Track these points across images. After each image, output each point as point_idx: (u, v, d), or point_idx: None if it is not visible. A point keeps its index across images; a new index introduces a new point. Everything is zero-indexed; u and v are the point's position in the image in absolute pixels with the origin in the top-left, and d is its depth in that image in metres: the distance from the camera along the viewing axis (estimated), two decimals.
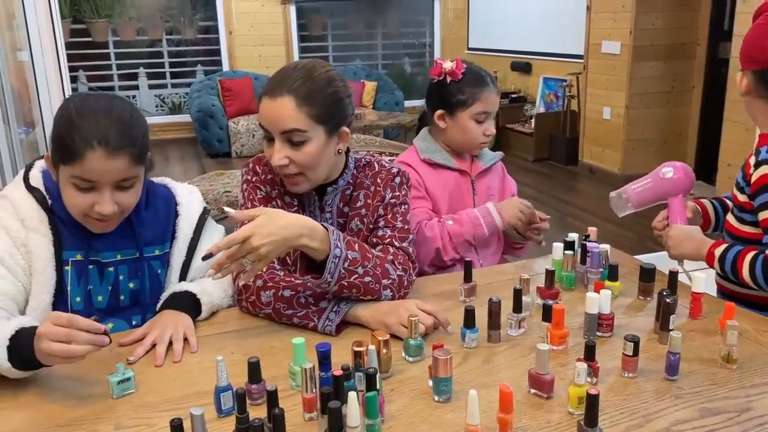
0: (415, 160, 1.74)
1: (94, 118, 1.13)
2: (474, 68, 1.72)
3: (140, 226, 1.29)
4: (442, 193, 1.72)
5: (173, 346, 1.16)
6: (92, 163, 1.12)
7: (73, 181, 1.15)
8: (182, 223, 1.35)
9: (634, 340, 1.03)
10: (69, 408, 1.00)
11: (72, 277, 1.22)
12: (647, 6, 4.89)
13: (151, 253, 1.31)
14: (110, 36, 7.29)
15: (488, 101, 1.70)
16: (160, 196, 1.36)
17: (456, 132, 1.72)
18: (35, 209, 1.21)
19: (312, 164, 1.28)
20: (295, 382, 1.03)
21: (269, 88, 1.27)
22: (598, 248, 1.38)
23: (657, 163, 1.65)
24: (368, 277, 1.23)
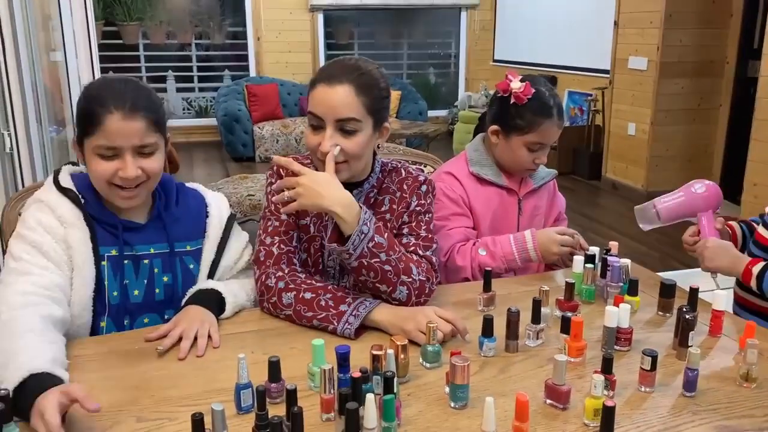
0: (464, 171, 1.69)
1: (110, 87, 1.23)
2: (543, 95, 1.62)
3: (171, 222, 1.33)
4: (485, 210, 1.67)
5: (197, 341, 1.18)
6: (112, 126, 1.18)
7: (98, 151, 1.21)
8: (212, 223, 1.39)
9: (652, 354, 1.04)
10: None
11: (109, 272, 1.26)
12: (675, 23, 4.87)
13: (183, 248, 1.34)
14: (141, 39, 7.43)
15: (546, 133, 1.62)
16: (191, 196, 1.40)
17: (506, 152, 1.67)
18: (70, 208, 1.25)
19: (359, 153, 1.31)
20: (314, 382, 1.05)
21: (326, 76, 1.29)
22: (618, 262, 1.38)
23: (682, 181, 1.65)
24: (389, 266, 1.26)
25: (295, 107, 7.12)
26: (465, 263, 1.59)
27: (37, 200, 1.27)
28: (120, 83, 1.24)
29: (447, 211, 1.64)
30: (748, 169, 3.89)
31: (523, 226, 1.69)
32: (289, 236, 1.38)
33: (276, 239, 1.37)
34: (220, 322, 1.28)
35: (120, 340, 1.22)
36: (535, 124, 1.61)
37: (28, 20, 2.65)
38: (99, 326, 1.26)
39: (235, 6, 7.53)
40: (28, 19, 2.63)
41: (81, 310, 1.22)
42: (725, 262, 1.46)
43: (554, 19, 6.45)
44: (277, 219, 1.39)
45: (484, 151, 1.73)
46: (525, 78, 1.64)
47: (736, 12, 4.94)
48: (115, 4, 7.10)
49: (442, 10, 7.97)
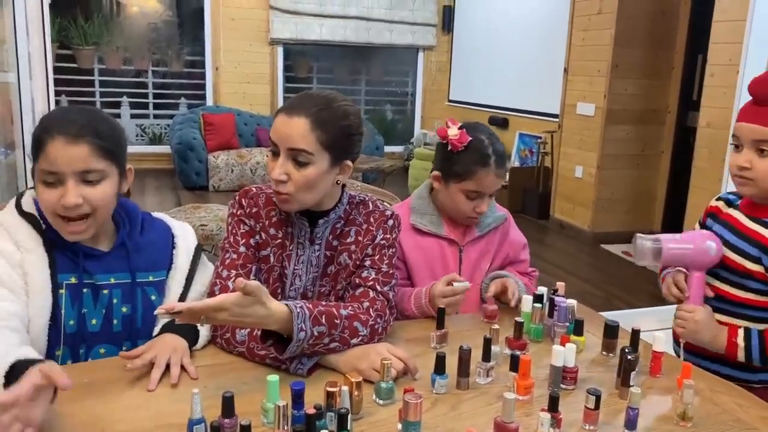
0: (404, 222, 1.61)
1: (61, 115, 1.23)
2: (481, 143, 1.60)
3: (135, 251, 1.32)
4: (423, 262, 1.66)
5: (171, 370, 1.17)
6: (53, 152, 1.17)
7: (42, 177, 1.19)
8: (180, 254, 1.39)
9: (596, 393, 1.08)
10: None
11: (66, 300, 1.24)
12: (621, 72, 5.11)
13: (145, 278, 1.33)
14: (96, 63, 7.33)
15: (483, 182, 1.60)
16: (156, 226, 1.40)
17: (446, 199, 1.66)
18: (29, 232, 1.24)
19: (308, 186, 1.32)
20: (267, 419, 1.05)
21: (287, 107, 1.32)
22: (565, 303, 1.43)
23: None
24: (335, 344, 1.26)
25: (252, 137, 7.12)
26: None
27: None
28: (74, 112, 1.23)
29: None
30: (688, 214, 4.08)
31: (465, 274, 1.67)
32: (247, 270, 1.39)
33: (233, 273, 1.37)
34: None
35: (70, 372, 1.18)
36: (471, 173, 1.59)
37: None
38: (54, 355, 1.23)
39: (194, 35, 7.54)
40: None
41: (35, 338, 1.20)
42: (707, 336, 1.43)
43: (507, 63, 6.68)
44: (235, 251, 1.39)
45: (427, 198, 1.72)
46: (463, 125, 1.62)
47: (678, 65, 5.22)
48: (71, 27, 7.01)
49: (400, 50, 8.15)
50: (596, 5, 5.22)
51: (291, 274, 1.43)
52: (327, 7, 7.57)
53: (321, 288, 1.45)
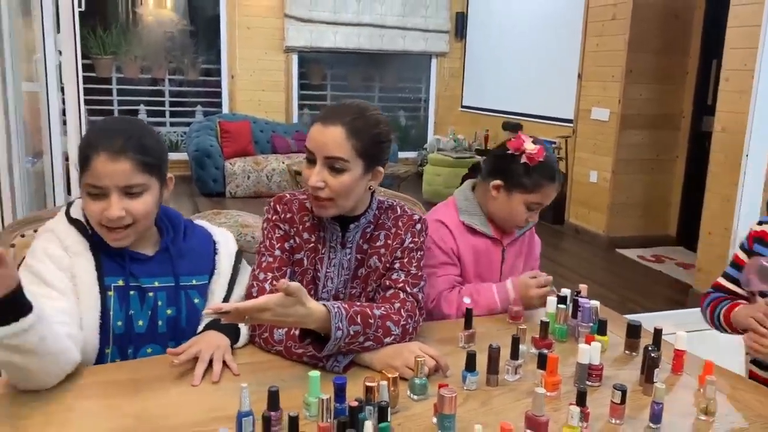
0: (454, 220, 1.75)
1: (103, 128, 1.29)
2: (550, 160, 1.71)
3: (178, 256, 1.38)
4: (471, 258, 1.74)
5: (213, 366, 1.24)
6: (97, 167, 1.23)
7: (87, 190, 1.26)
8: (222, 259, 1.45)
9: (622, 389, 1.13)
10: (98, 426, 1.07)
11: (114, 302, 1.30)
12: (635, 77, 5.15)
13: (188, 282, 1.39)
14: (114, 72, 7.46)
15: (548, 195, 1.71)
16: (198, 233, 1.46)
17: (503, 207, 1.73)
18: (77, 238, 1.30)
19: (344, 192, 1.38)
20: (309, 412, 1.11)
21: (323, 116, 1.38)
22: (589, 304, 1.48)
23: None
24: (369, 342, 1.31)
25: (267, 144, 7.20)
26: (451, 311, 1.65)
27: (47, 230, 1.32)
28: (117, 126, 1.29)
29: (437, 260, 1.70)
30: (704, 220, 4.10)
31: (504, 273, 1.77)
32: (282, 272, 1.45)
33: (269, 275, 1.43)
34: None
35: (120, 370, 1.27)
36: (540, 186, 1.69)
37: (11, 52, 2.69)
38: (104, 354, 1.30)
39: (210, 44, 7.65)
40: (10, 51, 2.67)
41: (88, 338, 1.26)
42: None
43: (521, 69, 6.73)
44: (271, 255, 1.46)
45: (473, 200, 1.80)
46: (536, 141, 1.71)
47: (692, 70, 5.25)
48: (90, 36, 7.14)
49: (413, 56, 8.22)
50: (610, 11, 5.27)
51: (323, 277, 1.49)
52: (341, 14, 7.66)
53: (352, 290, 1.51)
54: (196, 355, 1.25)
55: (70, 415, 1.10)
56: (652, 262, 5.04)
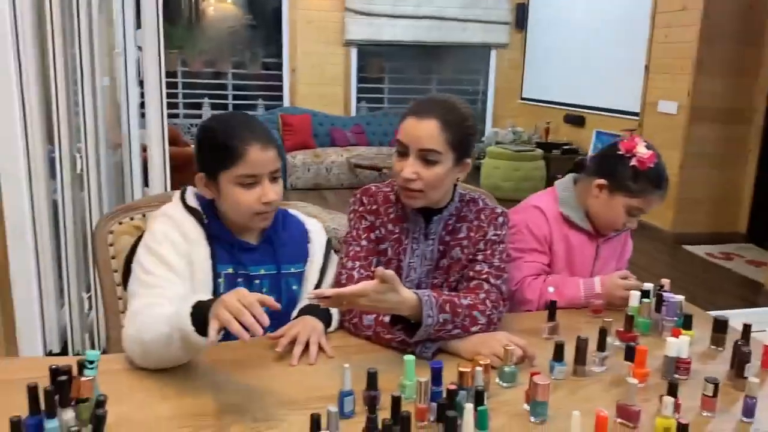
0: (553, 210, 1.74)
1: (243, 124, 1.37)
2: (660, 168, 1.67)
3: (279, 245, 1.46)
4: (564, 250, 1.74)
5: (309, 348, 1.30)
6: (253, 157, 1.33)
7: (239, 181, 1.34)
8: (314, 247, 1.52)
9: (714, 381, 1.14)
10: (209, 401, 1.14)
11: (224, 288, 1.38)
12: (706, 69, 5.01)
13: (288, 270, 1.47)
14: (179, 66, 7.70)
15: (651, 203, 1.68)
16: (293, 222, 1.53)
17: (603, 208, 1.71)
18: (194, 226, 1.38)
19: (435, 184, 1.43)
20: (404, 394, 1.15)
21: (416, 110, 1.43)
22: (674, 298, 1.48)
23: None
24: (457, 330, 1.35)
25: (327, 137, 7.31)
26: (533, 297, 1.66)
27: (164, 214, 1.40)
28: (247, 118, 1.41)
29: (527, 245, 1.72)
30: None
31: (596, 270, 1.77)
32: (369, 261, 1.50)
33: (357, 264, 1.49)
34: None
35: (225, 350, 1.34)
36: (644, 192, 1.66)
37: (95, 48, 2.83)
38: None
39: (271, 38, 7.80)
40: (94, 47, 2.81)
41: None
42: None
43: (583, 61, 6.62)
44: (358, 244, 1.51)
45: (572, 193, 1.79)
46: (649, 146, 1.68)
47: (765, 62, 5.07)
48: None
49: (472, 48, 8.19)
50: (680, 1, 5.13)
51: (407, 267, 1.53)
52: (400, 7, 7.68)
53: (434, 280, 1.55)
54: (294, 338, 1.31)
55: (184, 390, 1.17)
56: (721, 260, 4.91)
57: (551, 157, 6.70)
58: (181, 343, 1.15)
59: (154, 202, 1.66)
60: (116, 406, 1.07)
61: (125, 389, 1.17)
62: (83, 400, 1.04)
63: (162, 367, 1.22)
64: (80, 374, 1.05)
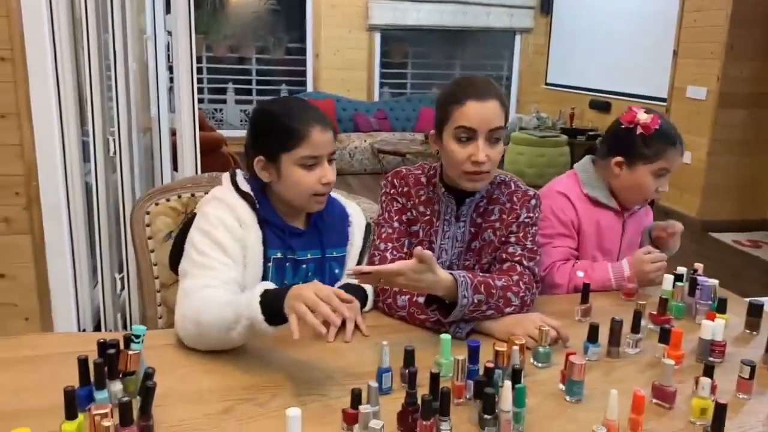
0: (576, 192, 1.77)
1: (303, 107, 1.41)
2: (666, 125, 1.71)
3: (325, 229, 1.48)
4: (592, 230, 1.76)
5: (347, 325, 1.33)
6: (316, 138, 1.36)
7: (301, 162, 1.36)
8: (355, 232, 1.54)
9: (751, 364, 1.14)
10: (251, 375, 1.17)
11: (273, 272, 1.40)
12: (736, 54, 4.92)
13: (331, 254, 1.49)
14: (204, 51, 7.74)
15: (672, 160, 1.71)
16: (336, 206, 1.55)
17: (629, 182, 1.74)
18: (247, 211, 1.39)
19: (498, 161, 1.46)
20: (441, 372, 1.17)
21: (476, 93, 1.43)
22: (708, 282, 1.48)
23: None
24: (491, 311, 1.36)
25: (350, 123, 7.32)
26: (563, 282, 1.68)
27: (216, 198, 1.41)
28: (305, 102, 1.45)
29: (554, 231, 1.73)
30: None
31: (624, 246, 1.79)
32: (401, 243, 1.52)
33: (389, 245, 1.51)
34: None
35: None
36: (662, 153, 1.69)
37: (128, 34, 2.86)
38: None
39: (295, 23, 7.80)
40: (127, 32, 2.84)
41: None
42: None
43: (610, 46, 6.54)
44: (390, 226, 1.53)
45: (593, 172, 1.81)
46: (648, 110, 1.72)
47: None
48: None
49: (497, 33, 8.12)
50: None
51: (438, 248, 1.55)
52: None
53: (465, 262, 1.56)
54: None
55: (225, 365, 1.21)
56: (749, 247, 4.85)
57: (576, 143, 6.64)
58: (245, 331, 1.17)
59: (188, 183, 1.70)
60: (161, 379, 1.10)
61: (169, 364, 1.20)
62: (130, 373, 1.08)
63: (213, 348, 1.24)
64: (127, 348, 1.09)
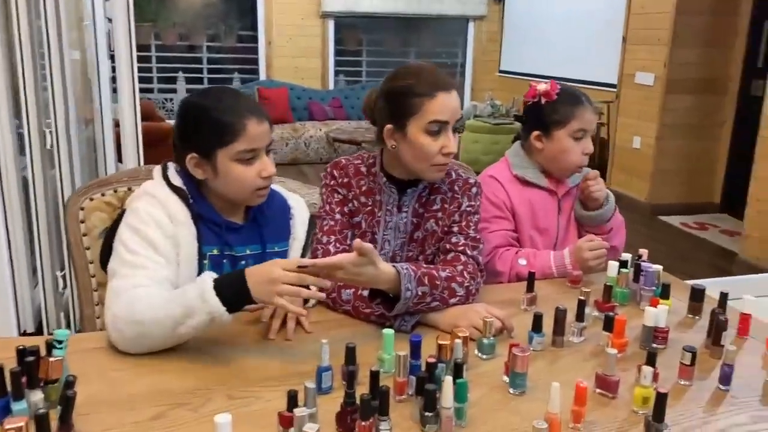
0: (506, 175, 1.80)
1: (235, 100, 1.33)
2: (568, 88, 1.76)
3: (265, 223, 1.43)
4: (528, 211, 1.77)
5: (288, 323, 1.29)
6: (252, 131, 1.30)
7: (238, 157, 1.30)
8: (297, 225, 1.49)
9: (692, 350, 1.14)
10: (184, 379, 1.12)
11: (209, 269, 1.33)
12: (682, 40, 5.01)
13: (272, 249, 1.44)
14: (153, 39, 7.52)
15: (584, 118, 1.73)
16: (277, 198, 1.49)
17: (553, 153, 1.76)
18: (180, 207, 1.32)
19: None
20: (383, 368, 1.14)
21: (443, 84, 1.40)
22: (652, 268, 1.49)
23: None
24: (435, 302, 1.34)
25: (305, 111, 7.22)
26: (504, 269, 1.68)
27: (147, 193, 1.33)
28: (236, 92, 1.38)
29: (488, 214, 1.73)
30: (753, 186, 4.02)
31: (562, 225, 1.80)
32: (344, 235, 1.48)
33: (332, 238, 1.47)
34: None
35: None
36: (571, 113, 1.72)
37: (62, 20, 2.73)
38: None
39: (247, 10, 7.64)
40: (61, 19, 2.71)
41: None
42: None
43: (562, 33, 6.59)
44: (332, 218, 1.49)
45: (524, 156, 1.83)
46: (547, 81, 1.78)
47: (741, 32, 5.08)
48: None
49: (450, 20, 8.11)
50: None
51: (381, 239, 1.52)
52: None
53: (409, 253, 1.53)
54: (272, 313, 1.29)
55: (158, 368, 1.15)
56: (696, 230, 4.97)
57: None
58: (199, 325, 1.15)
59: (124, 177, 1.62)
60: (87, 386, 1.05)
61: (98, 369, 1.14)
62: (52, 381, 1.01)
63: (152, 349, 1.18)
64: (49, 354, 1.02)
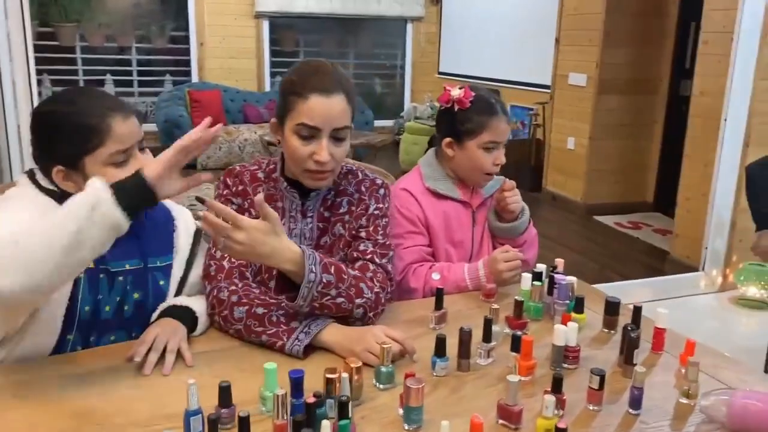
0: (419, 187, 1.71)
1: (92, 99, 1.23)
2: (483, 96, 1.68)
3: (143, 236, 1.28)
4: (442, 224, 1.69)
5: (166, 357, 1.15)
6: (119, 130, 1.19)
7: (110, 161, 1.19)
8: (180, 236, 1.36)
9: (600, 373, 1.06)
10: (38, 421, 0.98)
11: (84, 285, 1.20)
12: (613, 41, 5.05)
13: (154, 264, 1.31)
14: (78, 41, 7.17)
15: (497, 130, 1.65)
16: (159, 209, 1.35)
17: (464, 161, 1.69)
18: (52, 207, 1.17)
19: (342, 160, 1.35)
20: (266, 407, 1.02)
21: (321, 86, 1.28)
22: (565, 280, 1.41)
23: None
24: (341, 299, 1.25)
25: (239, 114, 7.02)
26: (418, 285, 1.59)
27: (12, 198, 1.20)
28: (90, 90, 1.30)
29: (402, 230, 1.64)
30: (682, 185, 4.06)
31: (477, 237, 1.73)
32: None
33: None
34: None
35: (75, 360, 1.17)
36: (483, 124, 1.64)
37: None
38: (66, 340, 1.20)
39: (178, 10, 7.37)
40: None
41: (50, 321, 1.16)
42: None
43: (498, 34, 6.59)
44: None
45: (437, 166, 1.75)
46: (462, 86, 1.68)
47: (670, 33, 5.16)
48: (51, 3, 6.83)
49: (388, 21, 8.03)
50: None
51: None
52: None
53: None
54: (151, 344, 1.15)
55: (6, 409, 1.00)
56: (630, 229, 5.02)
57: None
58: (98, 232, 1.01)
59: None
60: None
61: None
62: None
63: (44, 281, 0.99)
64: None
